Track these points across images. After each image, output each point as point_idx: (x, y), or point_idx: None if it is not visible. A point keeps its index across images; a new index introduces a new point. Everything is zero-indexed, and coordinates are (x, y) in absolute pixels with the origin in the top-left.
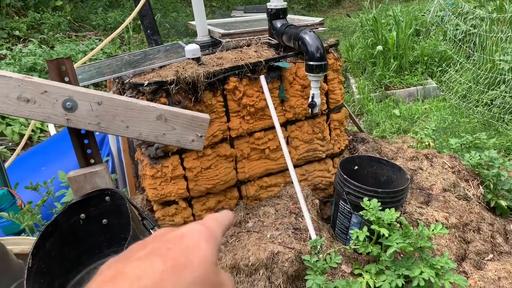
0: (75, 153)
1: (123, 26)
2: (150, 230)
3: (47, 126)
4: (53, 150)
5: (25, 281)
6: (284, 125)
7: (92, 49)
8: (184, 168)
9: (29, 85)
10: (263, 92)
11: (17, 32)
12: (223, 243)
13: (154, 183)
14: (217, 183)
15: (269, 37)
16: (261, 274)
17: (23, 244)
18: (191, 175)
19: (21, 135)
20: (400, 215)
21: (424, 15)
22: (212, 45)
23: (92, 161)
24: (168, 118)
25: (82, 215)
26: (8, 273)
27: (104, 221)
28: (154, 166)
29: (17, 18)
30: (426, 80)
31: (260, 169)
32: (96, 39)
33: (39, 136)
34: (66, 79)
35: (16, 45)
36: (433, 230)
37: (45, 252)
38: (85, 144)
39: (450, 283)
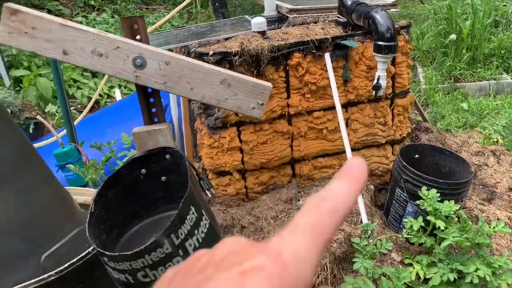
0: (141, 111)
1: None
2: (206, 190)
3: (114, 92)
4: (118, 114)
5: (86, 225)
6: (344, 106)
7: None
8: (240, 141)
9: (103, 40)
10: (326, 71)
11: (92, 2)
12: (272, 217)
13: (210, 153)
14: (272, 158)
15: (338, 15)
16: None
17: (86, 195)
18: (247, 148)
19: (89, 99)
20: (459, 209)
21: (506, 6)
22: (278, 20)
23: (156, 119)
24: (231, 83)
25: (143, 171)
26: (72, 219)
27: (163, 178)
28: (212, 136)
29: None
30: (501, 74)
31: (315, 149)
32: (166, 12)
33: (106, 101)
34: (138, 37)
35: (91, 13)
36: (494, 227)
37: (107, 200)
38: (150, 103)
39: (508, 284)
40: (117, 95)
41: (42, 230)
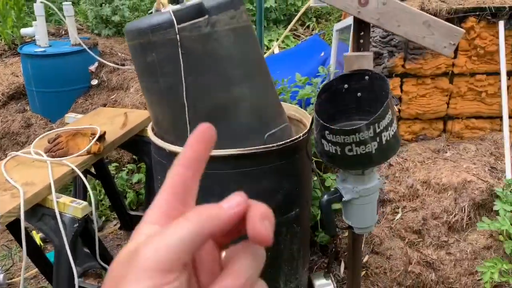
0: (352, 40)
1: None
2: (395, 105)
3: (272, 45)
4: (289, 60)
5: (315, 109)
6: (508, 74)
7: None
8: (401, 91)
9: None
10: (497, 37)
11: None
12: (419, 161)
13: None
14: (428, 111)
15: None
16: (449, 194)
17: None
18: (406, 98)
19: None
20: None
21: None
22: None
23: (362, 49)
24: (431, 25)
25: (345, 86)
26: (282, 116)
27: (359, 94)
28: None
29: None
30: None
31: (471, 109)
32: None
33: (264, 52)
34: None
35: None
36: None
37: (321, 101)
38: (360, 35)
39: None
40: (275, 48)
41: (269, 116)
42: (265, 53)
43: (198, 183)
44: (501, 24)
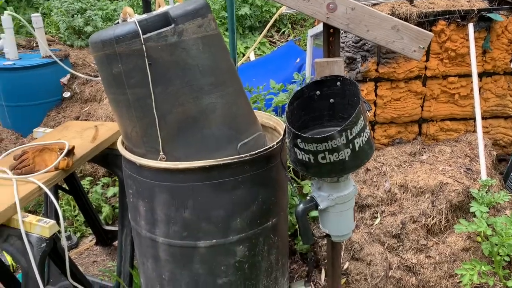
0: (323, 46)
1: None
2: (368, 111)
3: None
4: (264, 67)
5: (287, 117)
6: (479, 75)
7: None
8: (376, 95)
9: None
10: (467, 40)
11: None
12: (396, 165)
13: None
14: (402, 114)
15: None
16: (426, 197)
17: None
18: (381, 102)
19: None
20: None
21: None
22: None
23: (332, 54)
24: (400, 29)
25: (318, 92)
26: (256, 124)
27: (331, 100)
28: None
29: None
30: None
31: (445, 111)
32: None
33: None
34: None
35: None
36: None
37: (293, 108)
38: (330, 41)
39: None
40: (252, 55)
41: (242, 125)
42: (240, 60)
43: None
44: (471, 26)
